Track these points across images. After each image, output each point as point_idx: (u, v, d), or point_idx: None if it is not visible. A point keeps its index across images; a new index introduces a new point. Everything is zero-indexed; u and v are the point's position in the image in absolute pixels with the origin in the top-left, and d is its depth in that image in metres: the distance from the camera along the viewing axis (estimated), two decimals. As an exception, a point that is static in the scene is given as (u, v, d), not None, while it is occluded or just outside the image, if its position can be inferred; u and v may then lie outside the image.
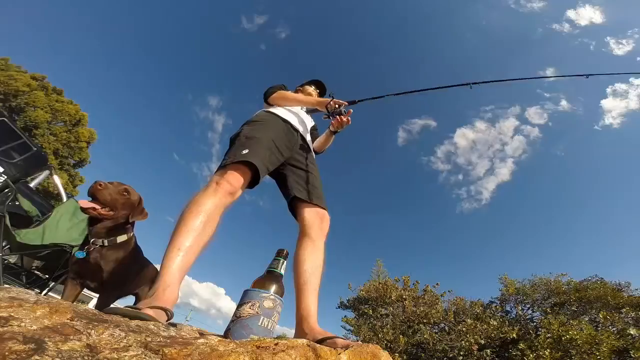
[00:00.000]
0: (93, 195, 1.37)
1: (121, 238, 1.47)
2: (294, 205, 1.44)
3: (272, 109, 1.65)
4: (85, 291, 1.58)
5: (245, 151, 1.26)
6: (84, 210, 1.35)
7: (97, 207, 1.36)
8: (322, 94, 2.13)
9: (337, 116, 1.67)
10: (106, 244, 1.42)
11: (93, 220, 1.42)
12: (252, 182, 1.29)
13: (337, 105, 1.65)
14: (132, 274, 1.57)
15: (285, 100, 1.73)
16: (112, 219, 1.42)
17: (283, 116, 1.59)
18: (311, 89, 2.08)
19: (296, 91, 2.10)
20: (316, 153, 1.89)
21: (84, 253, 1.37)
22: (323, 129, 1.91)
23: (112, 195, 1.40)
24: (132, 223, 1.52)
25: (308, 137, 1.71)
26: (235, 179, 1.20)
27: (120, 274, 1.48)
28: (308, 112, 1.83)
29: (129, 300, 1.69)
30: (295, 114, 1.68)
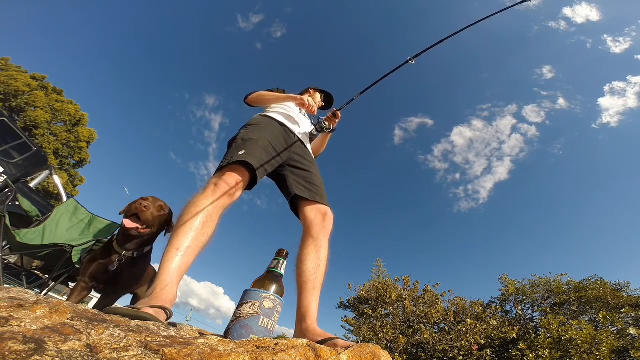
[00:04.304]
0: (137, 215, 1.40)
1: (147, 248, 1.51)
2: (296, 205, 1.44)
3: (268, 113, 1.67)
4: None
5: (241, 152, 1.28)
6: (127, 230, 1.37)
7: (140, 227, 1.39)
8: (327, 105, 2.15)
9: (329, 127, 1.74)
10: (136, 255, 1.45)
11: (128, 237, 1.44)
12: (251, 183, 1.30)
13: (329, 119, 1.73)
14: (139, 277, 1.60)
15: (262, 97, 1.79)
16: (147, 235, 1.46)
17: (279, 119, 1.60)
18: (317, 96, 2.10)
19: (304, 92, 2.12)
20: (314, 156, 1.90)
21: (115, 266, 1.40)
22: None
23: (153, 215, 1.43)
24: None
25: (306, 139, 1.72)
26: (233, 180, 1.20)
27: (134, 278, 1.52)
28: (311, 136, 1.85)
29: (128, 299, 1.70)
30: (292, 118, 1.68)
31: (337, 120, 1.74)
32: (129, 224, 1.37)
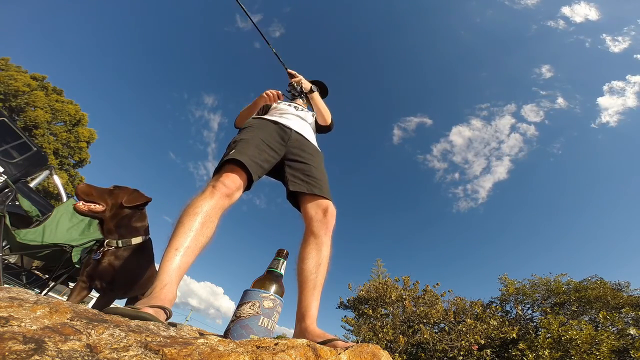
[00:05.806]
0: (78, 195, 1.42)
1: (136, 240, 1.45)
2: (297, 201, 1.41)
3: (261, 115, 1.69)
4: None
5: (233, 152, 1.28)
6: (76, 210, 1.39)
7: (87, 203, 1.40)
8: (322, 95, 2.12)
9: (298, 88, 1.88)
10: (120, 245, 1.40)
11: (98, 222, 1.44)
12: (249, 183, 1.29)
13: (290, 89, 1.90)
14: (141, 277, 1.55)
15: (242, 113, 1.87)
16: (111, 214, 1.42)
17: (272, 118, 1.60)
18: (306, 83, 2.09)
19: None
20: (329, 127, 1.93)
21: (99, 255, 1.38)
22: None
23: (95, 189, 1.44)
24: (144, 223, 1.52)
25: (305, 132, 1.66)
26: (230, 181, 1.20)
27: (132, 276, 1.47)
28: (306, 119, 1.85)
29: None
30: (287, 115, 1.68)
31: (298, 78, 1.89)
32: (76, 204, 1.42)
